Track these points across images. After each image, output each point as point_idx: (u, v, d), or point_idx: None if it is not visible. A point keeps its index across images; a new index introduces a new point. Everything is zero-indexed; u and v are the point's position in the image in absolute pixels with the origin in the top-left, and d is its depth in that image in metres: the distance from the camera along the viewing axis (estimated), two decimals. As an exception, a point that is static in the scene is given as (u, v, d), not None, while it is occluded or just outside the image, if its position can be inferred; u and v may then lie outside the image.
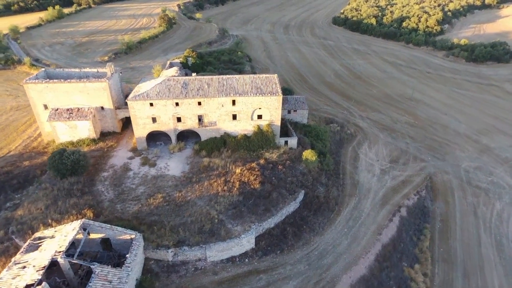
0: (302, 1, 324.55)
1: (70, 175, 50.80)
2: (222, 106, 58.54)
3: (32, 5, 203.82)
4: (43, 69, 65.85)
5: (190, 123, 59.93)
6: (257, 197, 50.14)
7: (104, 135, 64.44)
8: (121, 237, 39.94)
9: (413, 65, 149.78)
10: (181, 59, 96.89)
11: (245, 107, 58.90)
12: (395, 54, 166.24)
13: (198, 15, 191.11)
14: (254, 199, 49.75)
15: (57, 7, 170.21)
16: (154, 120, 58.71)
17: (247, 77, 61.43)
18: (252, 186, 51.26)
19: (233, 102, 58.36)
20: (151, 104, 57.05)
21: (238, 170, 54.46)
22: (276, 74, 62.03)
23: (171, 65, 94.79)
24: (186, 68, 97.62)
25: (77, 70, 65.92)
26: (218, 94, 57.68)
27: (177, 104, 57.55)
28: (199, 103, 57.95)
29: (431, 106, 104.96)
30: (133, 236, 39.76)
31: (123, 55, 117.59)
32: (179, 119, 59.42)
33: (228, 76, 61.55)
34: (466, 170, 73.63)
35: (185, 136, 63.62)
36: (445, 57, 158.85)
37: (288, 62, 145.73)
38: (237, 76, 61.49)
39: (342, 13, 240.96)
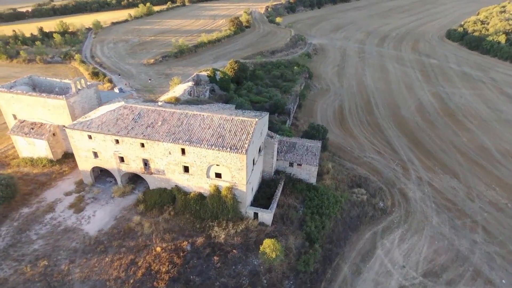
0: (418, 7, 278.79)
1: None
2: (170, 153, 43.95)
3: (137, 1, 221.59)
4: (29, 75, 62.17)
5: (134, 166, 47.27)
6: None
7: (68, 156, 57.05)
8: None
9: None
10: (208, 72, 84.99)
11: (198, 160, 43.08)
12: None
13: (278, 19, 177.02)
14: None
15: (148, 4, 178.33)
16: (95, 155, 47.99)
17: (217, 117, 45.16)
18: (155, 284, 35.70)
19: (183, 151, 43.19)
20: (90, 137, 46.28)
21: (158, 249, 39.50)
22: (255, 119, 44.04)
23: (194, 79, 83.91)
24: (214, 82, 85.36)
25: (57, 80, 60.03)
26: (164, 138, 43.30)
27: (117, 141, 45.44)
28: (142, 145, 44.63)
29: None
30: None
31: (170, 59, 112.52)
32: (122, 159, 47.34)
33: (193, 112, 46.36)
34: None
35: (140, 177, 51.33)
36: None
37: (360, 83, 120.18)
38: (204, 114, 45.81)
39: (462, 25, 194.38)
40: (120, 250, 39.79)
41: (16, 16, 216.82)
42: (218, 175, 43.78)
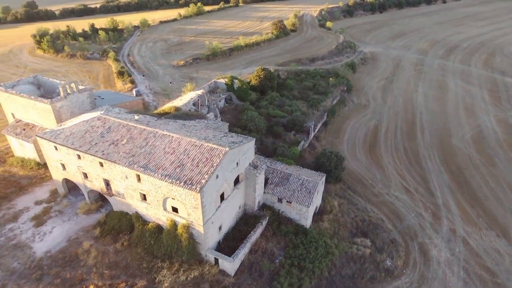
0: (502, 14, 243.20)
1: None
2: (127, 177, 38.90)
3: (194, 0, 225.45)
4: (36, 74, 62.29)
5: (97, 185, 43.20)
6: None
7: (56, 160, 55.60)
8: None
9: None
10: (226, 80, 79.31)
11: (154, 189, 37.36)
12: None
13: (329, 24, 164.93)
14: None
15: (198, 4, 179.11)
16: (63, 166, 44.99)
17: (185, 142, 38.98)
18: (68, 334, 30.78)
19: (139, 177, 37.79)
20: (56, 148, 43.29)
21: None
22: (226, 149, 36.88)
23: (210, 86, 79.01)
24: (231, 90, 79.57)
25: (57, 81, 58.97)
26: (121, 160, 38.34)
27: (79, 156, 41.71)
28: (102, 164, 40.23)
29: None
30: None
31: (202, 61, 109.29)
32: (86, 175, 43.59)
33: (163, 132, 40.73)
34: None
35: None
36: None
37: (407, 101, 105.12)
38: (173, 136, 39.93)
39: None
40: (54, 282, 35.76)
41: (86, 12, 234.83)
42: (174, 209, 37.66)
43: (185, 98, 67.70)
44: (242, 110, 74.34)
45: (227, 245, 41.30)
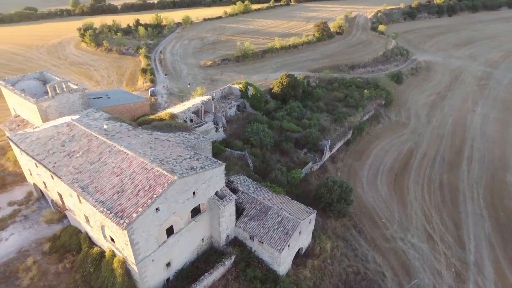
0: None
1: None
2: (71, 196, 35.20)
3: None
4: (42, 70, 62.28)
5: (55, 195, 40.37)
6: None
7: (47, 159, 54.83)
8: None
9: None
10: (240, 86, 73.42)
11: (92, 214, 33.10)
12: None
13: (381, 27, 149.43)
14: None
15: (246, 2, 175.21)
16: (30, 171, 43.09)
17: (136, 162, 34.09)
18: None
19: (79, 198, 33.82)
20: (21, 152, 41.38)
21: (10, 316, 31.53)
22: (174, 177, 31.17)
23: (224, 92, 73.98)
24: (245, 98, 73.68)
25: (57, 78, 58.03)
26: (65, 176, 34.72)
27: (36, 165, 39.13)
28: (52, 177, 37.09)
29: None
30: None
31: (230, 63, 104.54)
32: (45, 184, 41.03)
33: (120, 148, 36.27)
34: None
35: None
36: None
37: (459, 123, 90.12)
38: (129, 154, 35.29)
39: None
40: (-18, 300, 33.45)
41: (144, 7, 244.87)
42: (113, 240, 33.01)
43: (188, 104, 63.34)
44: (252, 120, 67.99)
45: (178, 285, 35.73)
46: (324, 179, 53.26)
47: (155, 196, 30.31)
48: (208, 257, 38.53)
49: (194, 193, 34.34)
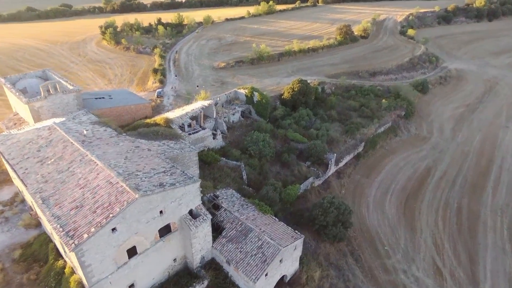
0: None
1: None
2: (36, 206, 33.50)
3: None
4: (45, 69, 62.18)
5: (29, 202, 39.07)
6: None
7: (41, 158, 54.43)
8: None
9: None
10: (246, 91, 70.22)
11: (51, 228, 31.14)
12: None
13: (410, 31, 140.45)
14: None
15: (271, 2, 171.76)
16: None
17: (103, 175, 31.83)
18: None
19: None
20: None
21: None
22: (136, 195, 28.51)
23: (229, 96, 71.24)
24: (250, 104, 70.52)
25: (59, 79, 57.56)
26: (30, 185, 33.11)
27: (13, 169, 37.98)
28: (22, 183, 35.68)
29: None
30: None
31: (245, 65, 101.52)
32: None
33: (92, 157, 34.20)
34: None
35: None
36: None
37: (488, 139, 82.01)
38: (98, 165, 33.13)
39: None
40: None
41: (173, 5, 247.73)
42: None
43: (187, 109, 60.95)
44: (255, 128, 64.65)
45: (143, 307, 33.19)
46: (321, 198, 48.78)
47: (111, 215, 27.77)
48: (179, 280, 35.66)
49: (161, 211, 31.54)
